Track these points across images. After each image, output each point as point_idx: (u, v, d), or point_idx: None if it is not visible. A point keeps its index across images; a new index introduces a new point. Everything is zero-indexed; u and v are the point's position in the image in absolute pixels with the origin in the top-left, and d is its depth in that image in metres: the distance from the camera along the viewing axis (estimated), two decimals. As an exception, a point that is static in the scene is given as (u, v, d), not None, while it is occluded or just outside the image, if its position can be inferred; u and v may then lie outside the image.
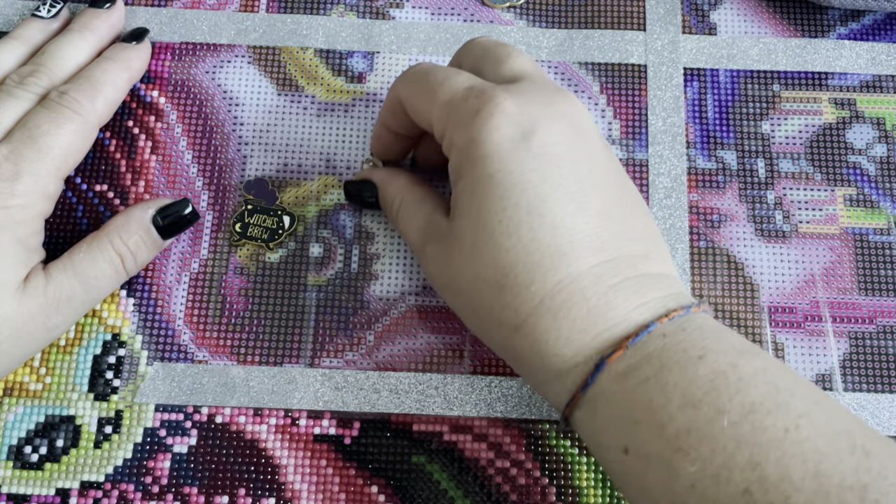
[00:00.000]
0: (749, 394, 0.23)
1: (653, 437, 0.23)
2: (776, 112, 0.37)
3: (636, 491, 0.25)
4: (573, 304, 0.25)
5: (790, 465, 0.21)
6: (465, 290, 0.28)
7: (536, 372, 0.27)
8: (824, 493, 0.21)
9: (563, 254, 0.26)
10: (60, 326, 0.31)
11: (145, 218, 0.32)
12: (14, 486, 0.31)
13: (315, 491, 0.32)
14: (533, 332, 0.26)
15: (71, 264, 0.31)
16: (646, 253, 0.27)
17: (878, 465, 0.21)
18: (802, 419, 0.22)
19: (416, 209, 0.31)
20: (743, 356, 0.24)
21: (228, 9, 0.38)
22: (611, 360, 0.25)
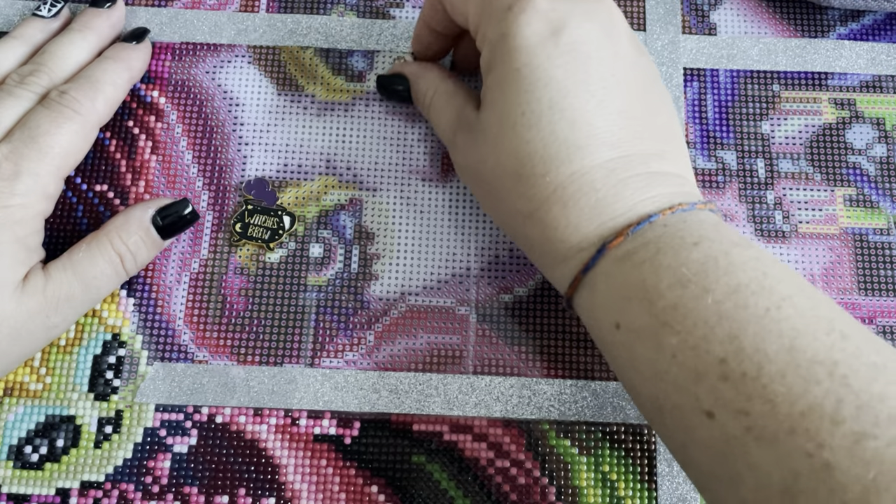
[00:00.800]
0: (736, 276, 0.24)
1: (642, 313, 0.25)
2: (776, 112, 0.37)
3: (625, 364, 0.26)
4: (583, 195, 0.27)
5: (766, 339, 0.22)
6: (488, 178, 0.29)
7: (545, 256, 0.29)
8: (795, 365, 0.22)
9: (579, 147, 0.27)
10: (60, 326, 0.31)
11: (145, 218, 0.32)
12: (14, 486, 0.32)
13: (315, 491, 0.32)
14: (544, 220, 0.28)
15: (70, 264, 0.31)
16: (661, 153, 0.28)
17: (853, 346, 0.22)
18: (785, 301, 0.23)
19: (449, 101, 0.33)
20: (737, 246, 0.25)
21: (228, 9, 0.38)
22: (612, 245, 0.26)
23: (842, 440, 0.20)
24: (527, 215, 0.28)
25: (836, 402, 0.21)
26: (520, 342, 0.34)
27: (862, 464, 0.20)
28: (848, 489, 0.20)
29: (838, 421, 0.21)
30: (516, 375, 0.33)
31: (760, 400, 0.22)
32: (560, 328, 0.34)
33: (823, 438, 0.20)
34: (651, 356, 0.25)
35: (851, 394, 0.21)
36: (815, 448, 0.21)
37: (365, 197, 0.36)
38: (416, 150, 0.36)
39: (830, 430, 0.21)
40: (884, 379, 0.21)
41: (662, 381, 0.24)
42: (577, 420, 0.33)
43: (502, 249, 0.35)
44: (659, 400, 0.25)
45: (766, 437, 0.21)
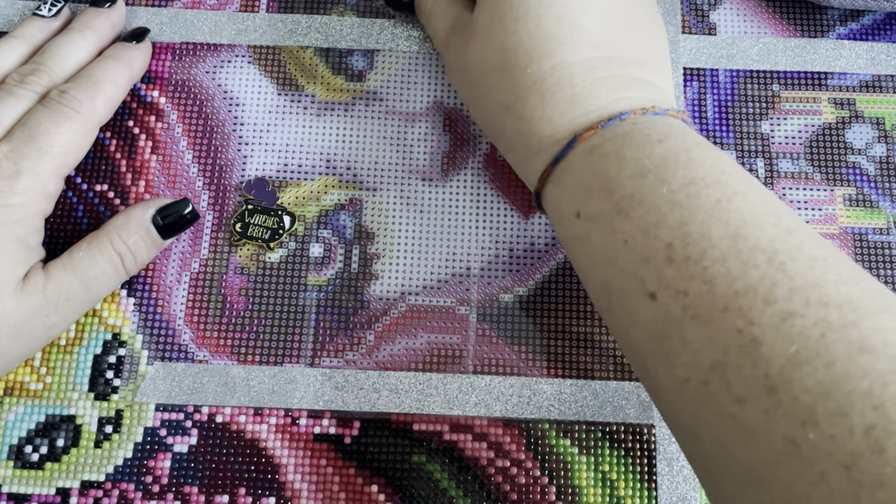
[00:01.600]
0: (693, 170, 0.24)
1: (601, 201, 0.26)
2: (776, 112, 0.37)
3: (580, 252, 0.27)
4: (560, 89, 0.28)
5: (713, 226, 0.23)
6: (473, 74, 0.30)
7: (519, 150, 0.29)
8: (737, 250, 0.22)
9: (562, 42, 0.28)
10: (60, 325, 0.31)
11: (145, 217, 0.32)
12: (15, 486, 0.32)
13: (315, 490, 0.32)
14: (521, 112, 0.28)
15: (71, 263, 0.31)
16: (642, 62, 0.29)
17: (797, 239, 0.23)
18: (737, 196, 0.24)
19: (448, 9, 0.34)
20: (700, 146, 0.26)
21: (229, 9, 0.38)
22: (582, 138, 0.27)
23: (770, 318, 0.21)
24: (506, 107, 0.29)
25: (770, 284, 0.22)
26: (520, 342, 0.34)
27: (787, 339, 0.21)
28: (771, 362, 0.21)
29: (770, 301, 0.21)
30: (516, 375, 0.33)
31: (700, 281, 0.22)
32: (560, 328, 0.34)
33: (754, 316, 0.21)
34: (604, 241, 0.25)
35: (786, 278, 0.22)
36: (745, 325, 0.21)
37: (365, 197, 0.36)
38: (416, 150, 0.36)
39: (761, 308, 0.21)
40: (821, 269, 0.22)
41: (613, 266, 0.25)
42: (577, 420, 0.33)
43: (502, 249, 0.35)
44: (608, 285, 0.25)
45: (701, 316, 0.22)
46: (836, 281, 0.22)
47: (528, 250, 0.35)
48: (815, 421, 0.19)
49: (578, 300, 0.34)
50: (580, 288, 0.34)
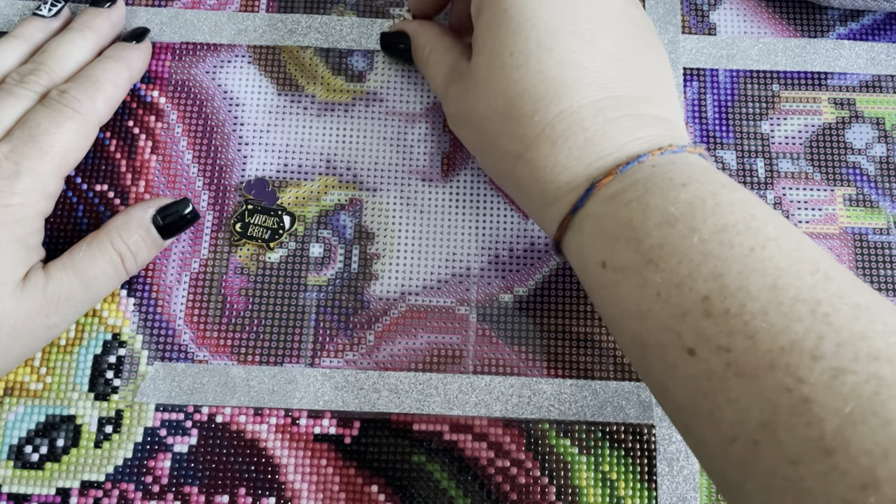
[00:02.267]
0: (723, 216, 0.24)
1: (629, 251, 0.25)
2: (776, 112, 0.37)
3: (609, 303, 0.26)
4: (571, 134, 0.27)
5: (750, 277, 0.22)
6: (478, 122, 0.30)
7: (534, 199, 0.29)
8: (777, 302, 0.22)
9: (567, 86, 0.27)
10: (60, 326, 0.31)
11: (145, 217, 0.32)
12: (15, 486, 0.32)
13: (315, 490, 0.32)
14: (534, 160, 0.28)
15: (71, 263, 0.31)
16: (650, 97, 0.28)
17: (837, 286, 0.22)
18: (770, 242, 0.23)
19: (444, 56, 0.33)
20: (726, 188, 0.25)
21: (228, 9, 0.38)
22: (600, 185, 0.26)
23: (821, 375, 0.20)
24: (517, 156, 0.28)
25: (816, 338, 0.21)
26: (520, 342, 0.34)
27: (840, 398, 0.20)
28: (825, 422, 0.20)
29: (818, 357, 0.21)
30: (516, 375, 0.33)
31: (742, 336, 0.22)
32: (560, 328, 0.34)
33: (803, 374, 0.21)
34: (635, 294, 0.24)
35: (832, 331, 0.21)
36: (794, 383, 0.21)
37: (365, 197, 0.36)
38: (416, 150, 0.36)
39: (810, 365, 0.21)
40: (866, 319, 0.21)
41: (646, 319, 0.24)
42: (577, 420, 0.33)
43: (502, 249, 0.35)
44: (642, 338, 0.25)
45: (746, 373, 0.21)
46: (884, 332, 0.21)
47: (528, 250, 0.35)
48: (876, 484, 0.19)
49: (578, 300, 0.34)
50: (580, 288, 0.34)
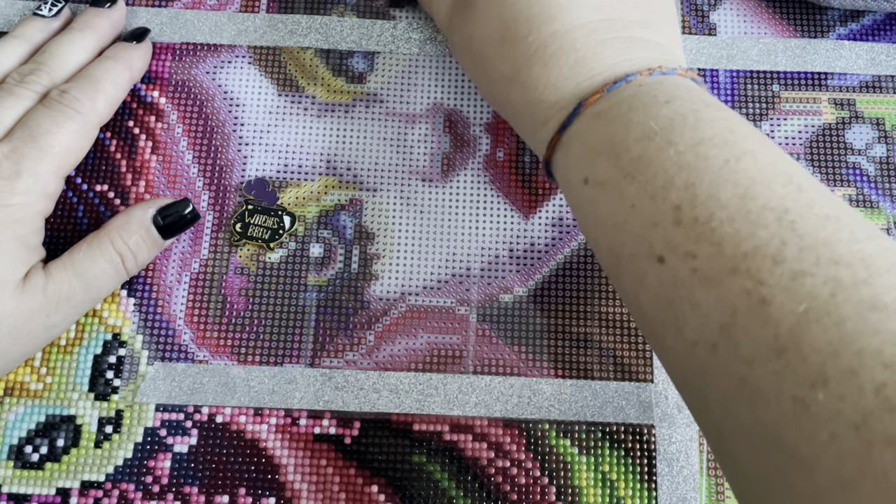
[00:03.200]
0: (702, 131, 0.24)
1: (609, 166, 0.25)
2: (776, 112, 0.37)
3: (589, 218, 0.26)
4: (563, 54, 0.27)
5: (721, 186, 0.22)
6: (476, 49, 0.30)
7: (527, 121, 0.29)
8: (745, 210, 0.22)
9: (561, 7, 0.27)
10: (60, 325, 0.31)
11: (146, 217, 0.32)
12: (15, 486, 0.32)
13: (315, 490, 0.32)
14: (526, 81, 0.28)
15: (71, 263, 0.31)
16: (646, 21, 0.28)
17: (808, 197, 0.22)
18: (746, 155, 0.23)
19: None
20: (709, 106, 0.25)
21: (229, 9, 0.38)
22: (587, 103, 0.26)
23: (780, 278, 0.21)
24: (510, 78, 0.29)
25: (780, 243, 0.21)
26: (520, 342, 0.34)
27: (796, 298, 0.20)
28: (780, 322, 0.20)
29: (779, 260, 0.21)
30: (516, 375, 0.33)
31: (708, 243, 0.22)
32: (560, 328, 0.34)
33: (763, 276, 0.21)
34: (613, 207, 0.25)
35: (796, 237, 0.21)
36: (753, 285, 0.21)
37: (365, 197, 0.36)
38: (416, 150, 0.36)
39: (770, 268, 0.21)
40: (833, 227, 0.21)
41: (621, 231, 0.25)
42: (577, 420, 0.33)
43: (502, 249, 0.35)
44: (617, 250, 0.25)
45: (709, 278, 0.22)
46: (849, 239, 0.21)
47: (528, 250, 0.35)
48: (824, 381, 0.19)
49: (578, 300, 0.34)
50: (580, 288, 0.34)
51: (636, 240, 0.24)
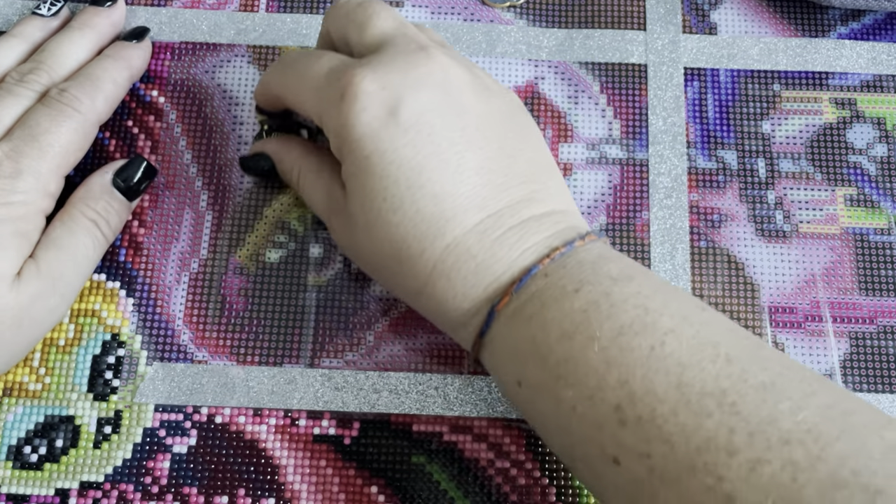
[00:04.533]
0: (619, 319, 0.24)
1: (538, 370, 0.25)
2: (776, 112, 0.37)
3: (533, 417, 0.27)
4: (462, 264, 0.27)
5: (654, 379, 0.23)
6: (368, 261, 0.30)
7: (444, 325, 0.29)
8: (685, 401, 0.22)
9: (447, 220, 0.27)
10: (60, 307, 0.32)
11: (105, 182, 0.33)
12: (13, 487, 0.31)
13: (315, 491, 0.32)
14: (433, 295, 0.28)
15: (52, 243, 0.31)
16: (530, 197, 0.28)
17: (739, 369, 0.22)
18: (668, 336, 0.23)
19: (315, 181, 0.32)
20: (617, 283, 0.25)
21: (228, 8, 0.38)
22: (499, 307, 0.26)
23: (738, 470, 0.21)
24: (417, 292, 0.28)
25: (728, 432, 0.21)
26: (520, 342, 0.34)
27: (760, 491, 0.20)
28: None
29: (732, 451, 0.21)
30: (516, 375, 0.33)
31: (659, 441, 0.22)
32: (560, 328, 0.34)
33: (722, 471, 0.21)
34: (553, 410, 0.25)
35: (742, 421, 0.21)
36: (714, 482, 0.21)
37: (365, 197, 0.35)
38: (416, 149, 0.36)
39: (727, 461, 0.21)
40: (772, 399, 0.22)
41: (569, 434, 0.25)
42: (578, 420, 0.33)
43: (502, 249, 0.35)
44: (568, 451, 0.25)
45: (668, 478, 0.22)
46: (791, 409, 0.21)
47: (529, 250, 0.35)
48: None
49: (579, 300, 0.34)
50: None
51: (586, 442, 0.24)
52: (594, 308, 0.24)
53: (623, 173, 0.36)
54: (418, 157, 0.27)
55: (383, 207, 0.27)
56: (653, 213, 0.35)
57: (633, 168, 0.36)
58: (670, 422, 0.22)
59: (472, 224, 0.27)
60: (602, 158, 0.36)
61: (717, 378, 0.22)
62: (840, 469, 0.20)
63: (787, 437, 0.21)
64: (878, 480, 0.20)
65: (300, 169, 0.33)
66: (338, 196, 0.30)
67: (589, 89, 0.37)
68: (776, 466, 0.20)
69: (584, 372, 0.24)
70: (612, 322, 0.24)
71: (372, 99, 0.27)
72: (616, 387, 0.23)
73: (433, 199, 0.27)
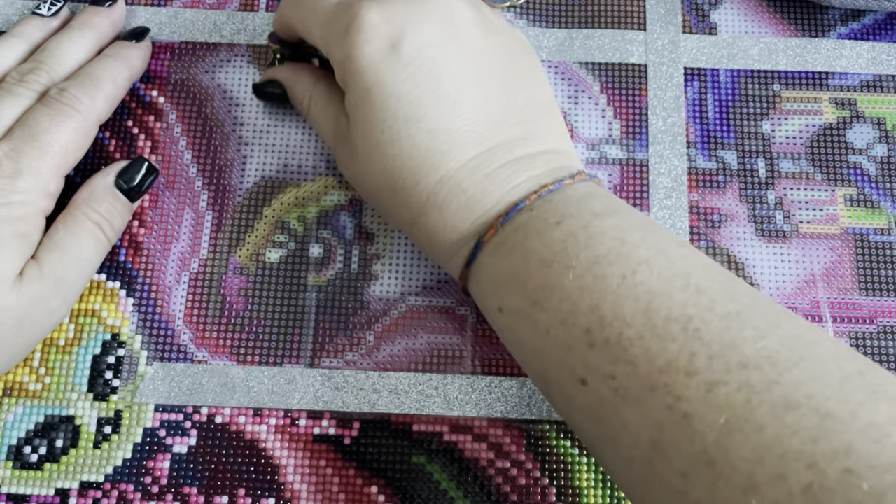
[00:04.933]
0: (595, 249, 0.25)
1: (517, 296, 0.26)
2: (776, 112, 0.37)
3: (512, 342, 0.28)
4: (453, 198, 0.28)
5: (623, 305, 0.24)
6: (368, 191, 0.31)
7: (436, 255, 0.30)
8: (651, 325, 0.23)
9: (442, 154, 0.28)
10: (61, 309, 0.31)
11: (108, 183, 0.33)
12: (13, 487, 0.31)
13: (315, 491, 0.32)
14: (426, 226, 0.29)
15: (55, 245, 0.31)
16: (525, 135, 0.29)
17: (708, 299, 0.23)
18: (641, 266, 0.24)
19: (325, 109, 0.33)
20: (598, 217, 0.26)
21: (228, 8, 0.38)
22: (486, 238, 0.27)
23: (696, 391, 0.22)
24: (411, 223, 0.29)
25: (689, 355, 0.22)
26: (520, 342, 0.34)
27: (715, 410, 0.21)
28: (705, 435, 0.21)
29: (692, 373, 0.22)
30: (516, 375, 0.33)
31: (623, 363, 0.23)
32: (560, 328, 0.34)
33: (680, 391, 0.22)
34: (529, 334, 0.26)
35: (703, 346, 0.22)
36: (674, 401, 0.22)
37: (365, 197, 0.35)
38: (416, 149, 0.36)
39: (686, 382, 0.22)
40: (736, 327, 0.22)
41: (542, 356, 0.26)
42: (578, 420, 0.33)
43: (502, 249, 0.35)
44: (542, 373, 0.26)
45: (632, 397, 0.23)
46: (753, 337, 0.22)
47: (529, 250, 0.35)
48: (755, 487, 0.20)
49: (579, 300, 0.34)
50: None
51: (557, 364, 0.25)
52: (572, 239, 0.25)
53: (623, 173, 0.36)
54: (417, 92, 0.28)
55: (381, 139, 0.28)
56: (653, 213, 0.35)
57: (633, 168, 0.36)
58: (636, 344, 0.23)
59: (466, 159, 0.28)
60: (602, 158, 0.36)
61: (685, 306, 0.23)
62: (794, 392, 0.21)
63: (745, 361, 0.21)
64: (831, 405, 0.20)
65: (311, 96, 0.33)
66: (343, 127, 0.31)
67: (589, 89, 0.37)
68: (732, 388, 0.21)
69: (558, 298, 0.25)
70: (589, 252, 0.25)
71: (376, 31, 0.28)
72: (587, 312, 0.24)
73: (429, 134, 0.28)
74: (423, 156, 0.28)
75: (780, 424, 0.20)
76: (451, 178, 0.28)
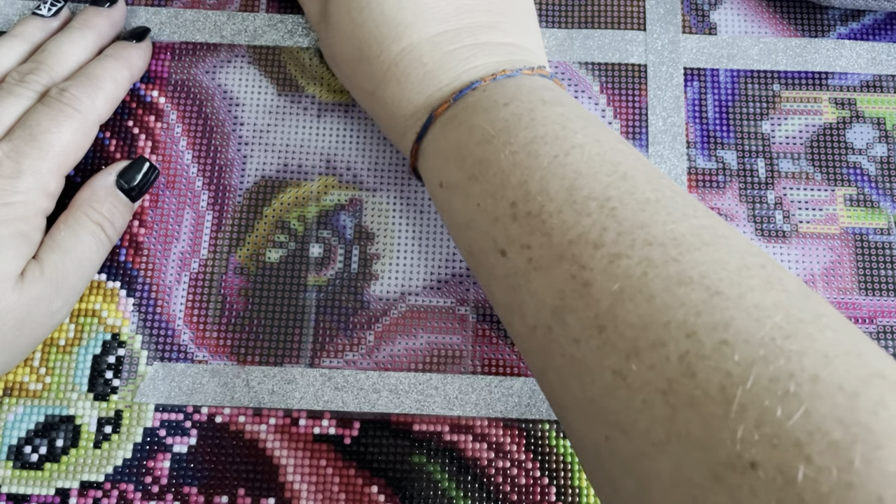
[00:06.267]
0: (535, 130, 0.26)
1: (456, 170, 0.27)
2: (776, 112, 0.37)
3: (448, 217, 0.28)
4: (412, 70, 0.29)
5: (549, 181, 0.24)
6: (339, 64, 0.32)
7: (390, 131, 0.31)
8: (571, 201, 0.24)
9: (406, 25, 0.29)
10: (62, 310, 0.32)
11: (109, 183, 0.33)
12: (14, 486, 0.31)
13: (315, 491, 0.32)
14: (384, 97, 0.30)
15: (57, 245, 0.31)
16: (494, 24, 0.30)
17: (631, 185, 0.24)
18: (574, 149, 0.25)
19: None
20: (545, 104, 0.26)
21: (229, 8, 0.38)
22: (437, 112, 0.28)
23: (599, 261, 0.22)
24: (370, 94, 0.30)
25: (600, 230, 0.23)
26: (520, 342, 0.34)
27: (612, 279, 0.22)
28: (600, 302, 0.22)
29: (599, 245, 0.23)
30: (517, 375, 0.33)
31: (539, 234, 0.24)
32: (560, 328, 0.34)
33: (585, 261, 0.23)
34: (462, 207, 0.27)
35: (615, 223, 0.23)
36: (577, 270, 0.23)
37: (365, 197, 0.35)
38: (416, 149, 0.36)
39: (592, 253, 0.23)
40: (651, 210, 0.23)
41: (470, 229, 0.27)
42: (578, 420, 0.33)
43: (502, 249, 0.35)
44: (469, 246, 0.27)
45: (542, 266, 0.24)
46: (664, 221, 0.23)
47: (529, 250, 0.35)
48: (637, 353, 0.21)
49: (579, 300, 0.34)
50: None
51: (483, 236, 0.26)
52: (515, 119, 0.26)
53: (623, 173, 0.36)
54: None
55: (352, 6, 0.30)
56: (653, 213, 0.35)
57: (632, 168, 0.36)
58: (554, 217, 0.24)
59: (430, 35, 0.29)
60: (602, 158, 0.36)
61: (607, 187, 0.24)
62: (690, 270, 0.21)
63: (651, 240, 0.22)
64: (722, 285, 0.21)
65: None
66: (326, 6, 0.32)
67: (589, 89, 0.37)
68: (633, 261, 0.22)
69: (492, 172, 0.26)
70: (528, 132, 0.25)
71: None
72: (516, 186, 0.25)
73: (397, 4, 0.29)
74: (389, 24, 0.29)
75: (669, 296, 0.21)
76: (413, 51, 0.29)
